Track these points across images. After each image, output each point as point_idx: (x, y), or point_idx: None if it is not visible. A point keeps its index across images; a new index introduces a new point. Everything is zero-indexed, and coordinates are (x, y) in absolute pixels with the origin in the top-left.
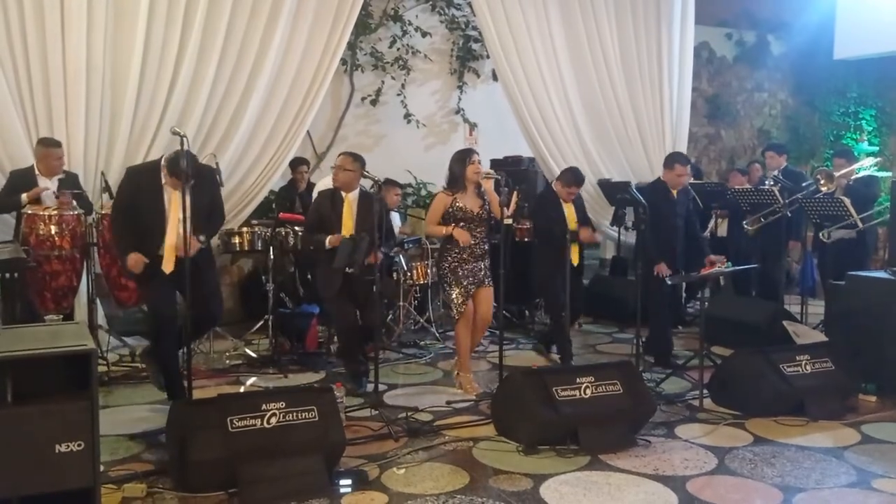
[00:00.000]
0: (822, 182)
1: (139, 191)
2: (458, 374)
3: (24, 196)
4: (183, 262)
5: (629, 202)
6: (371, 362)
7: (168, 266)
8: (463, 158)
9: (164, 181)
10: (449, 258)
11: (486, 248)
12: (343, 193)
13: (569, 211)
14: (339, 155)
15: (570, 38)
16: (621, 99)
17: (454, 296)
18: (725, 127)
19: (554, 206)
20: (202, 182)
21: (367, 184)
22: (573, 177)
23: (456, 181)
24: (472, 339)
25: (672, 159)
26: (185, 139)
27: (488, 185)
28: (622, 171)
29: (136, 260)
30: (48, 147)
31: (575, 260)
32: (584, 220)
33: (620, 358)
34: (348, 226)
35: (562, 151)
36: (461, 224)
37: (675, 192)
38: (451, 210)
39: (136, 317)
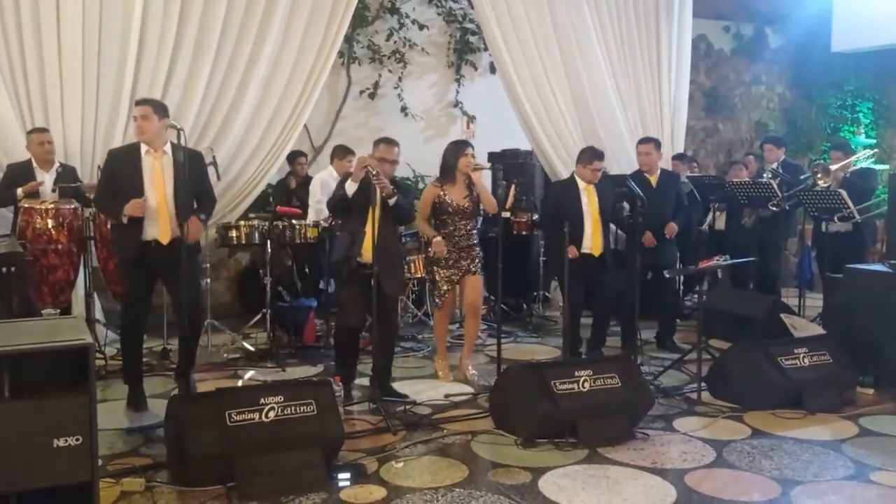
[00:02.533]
0: (819, 177)
1: (118, 167)
2: (435, 361)
3: (19, 190)
4: (168, 249)
5: (626, 196)
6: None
7: (164, 236)
8: (457, 149)
9: (143, 152)
10: (433, 252)
11: (475, 241)
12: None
13: (590, 197)
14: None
15: (569, 30)
16: (621, 91)
17: (437, 286)
18: (723, 120)
19: (568, 193)
20: (189, 161)
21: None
22: (592, 152)
23: (447, 171)
24: (467, 327)
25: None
26: (181, 132)
27: (477, 178)
28: (623, 164)
29: (134, 205)
30: (31, 133)
31: (596, 249)
32: (610, 211)
33: (619, 351)
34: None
35: (563, 143)
36: (444, 217)
37: (653, 180)
38: (437, 202)
39: None
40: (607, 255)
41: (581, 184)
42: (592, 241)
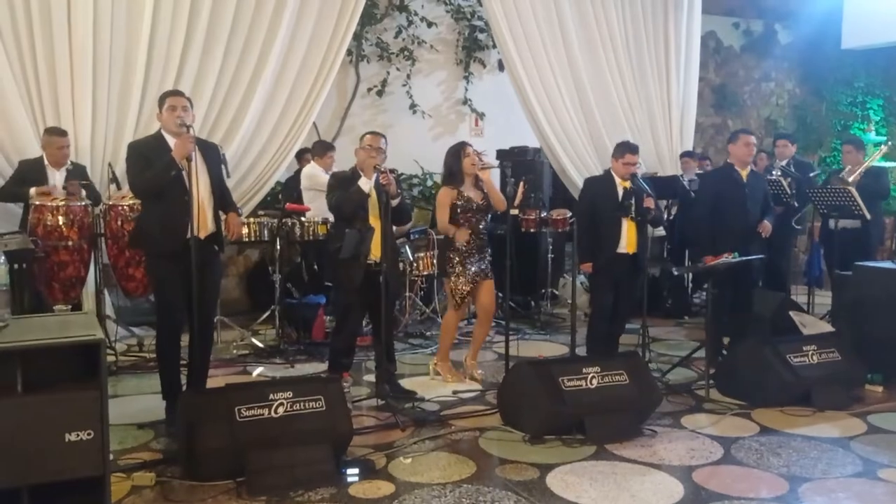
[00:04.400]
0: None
1: (150, 156)
2: (434, 362)
3: (32, 190)
4: (201, 246)
5: (635, 192)
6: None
7: (203, 231)
8: (457, 152)
9: (172, 145)
10: (457, 250)
11: (486, 239)
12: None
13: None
14: (370, 134)
15: (577, 27)
16: (629, 89)
17: (460, 285)
18: (732, 117)
19: (604, 186)
20: (211, 154)
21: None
22: (626, 146)
23: (454, 176)
24: (479, 331)
25: (735, 133)
26: (191, 129)
27: (486, 176)
28: None
29: (179, 147)
30: (50, 136)
31: (630, 248)
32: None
33: (627, 348)
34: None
35: (571, 141)
36: (469, 215)
37: (744, 175)
38: (458, 202)
39: (144, 307)
40: (640, 255)
41: (618, 179)
42: (627, 239)
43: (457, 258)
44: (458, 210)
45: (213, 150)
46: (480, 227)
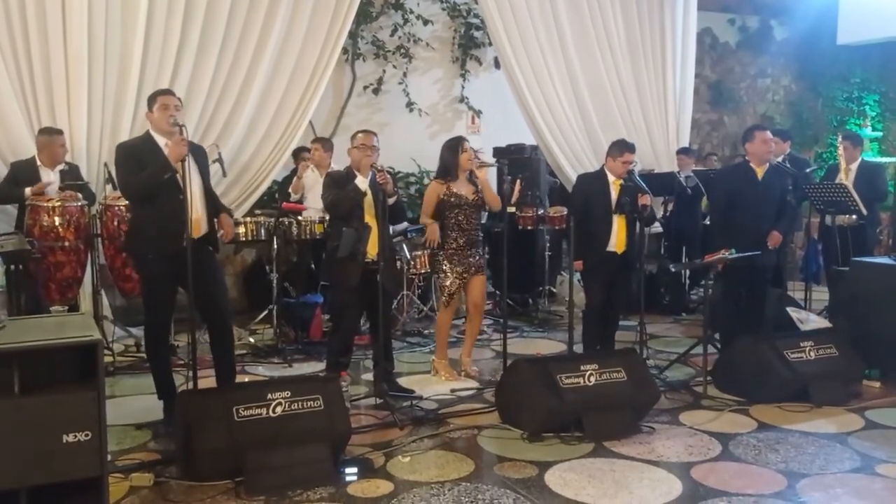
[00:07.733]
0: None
1: (141, 158)
2: (434, 360)
3: (27, 190)
4: (196, 247)
5: (632, 190)
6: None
7: (197, 231)
8: (455, 147)
9: (162, 145)
10: (445, 246)
11: (480, 236)
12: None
13: (618, 192)
14: (362, 133)
15: (573, 25)
16: (625, 86)
17: (447, 283)
18: (728, 113)
19: (597, 183)
20: (200, 156)
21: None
22: (623, 144)
23: (448, 170)
24: (470, 327)
25: (751, 130)
26: (183, 129)
27: (483, 175)
28: None
29: (174, 148)
30: (51, 135)
31: (620, 247)
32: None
33: (625, 345)
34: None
35: (566, 139)
36: (456, 212)
37: (760, 173)
38: (445, 198)
39: (141, 307)
40: (630, 254)
41: (611, 178)
42: (617, 237)
43: (443, 257)
44: (446, 205)
45: (202, 151)
46: (471, 223)
